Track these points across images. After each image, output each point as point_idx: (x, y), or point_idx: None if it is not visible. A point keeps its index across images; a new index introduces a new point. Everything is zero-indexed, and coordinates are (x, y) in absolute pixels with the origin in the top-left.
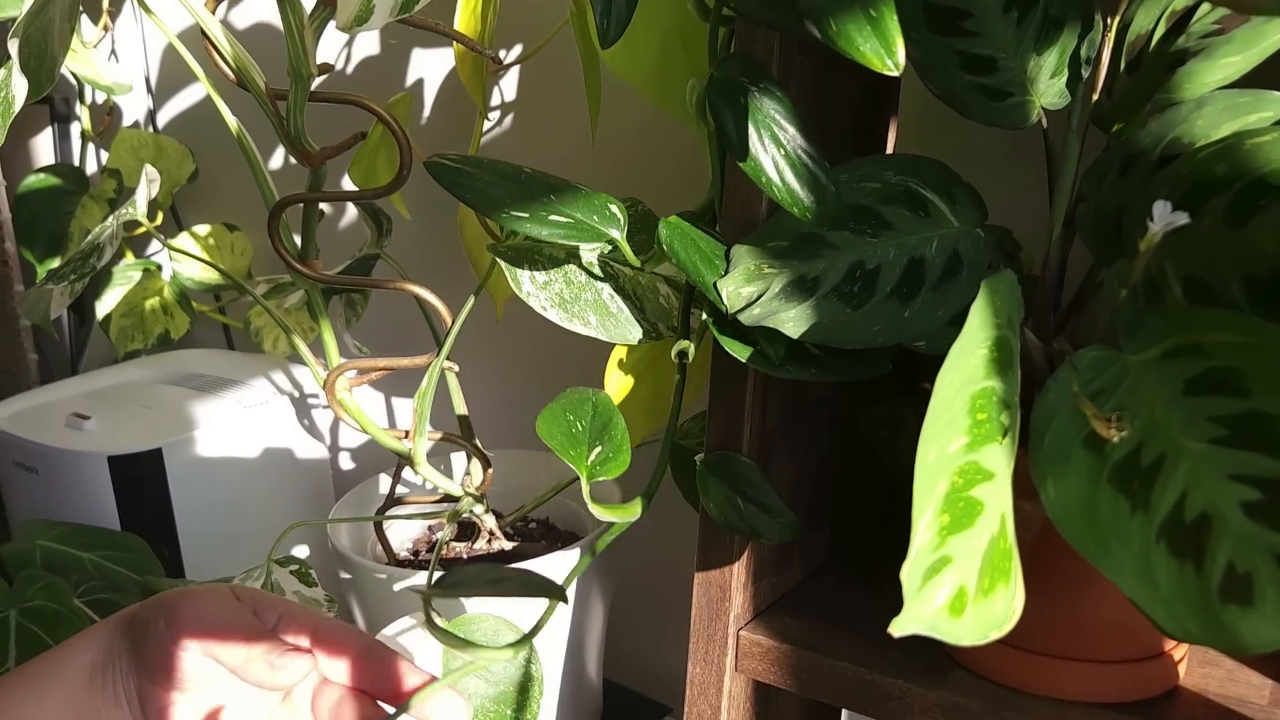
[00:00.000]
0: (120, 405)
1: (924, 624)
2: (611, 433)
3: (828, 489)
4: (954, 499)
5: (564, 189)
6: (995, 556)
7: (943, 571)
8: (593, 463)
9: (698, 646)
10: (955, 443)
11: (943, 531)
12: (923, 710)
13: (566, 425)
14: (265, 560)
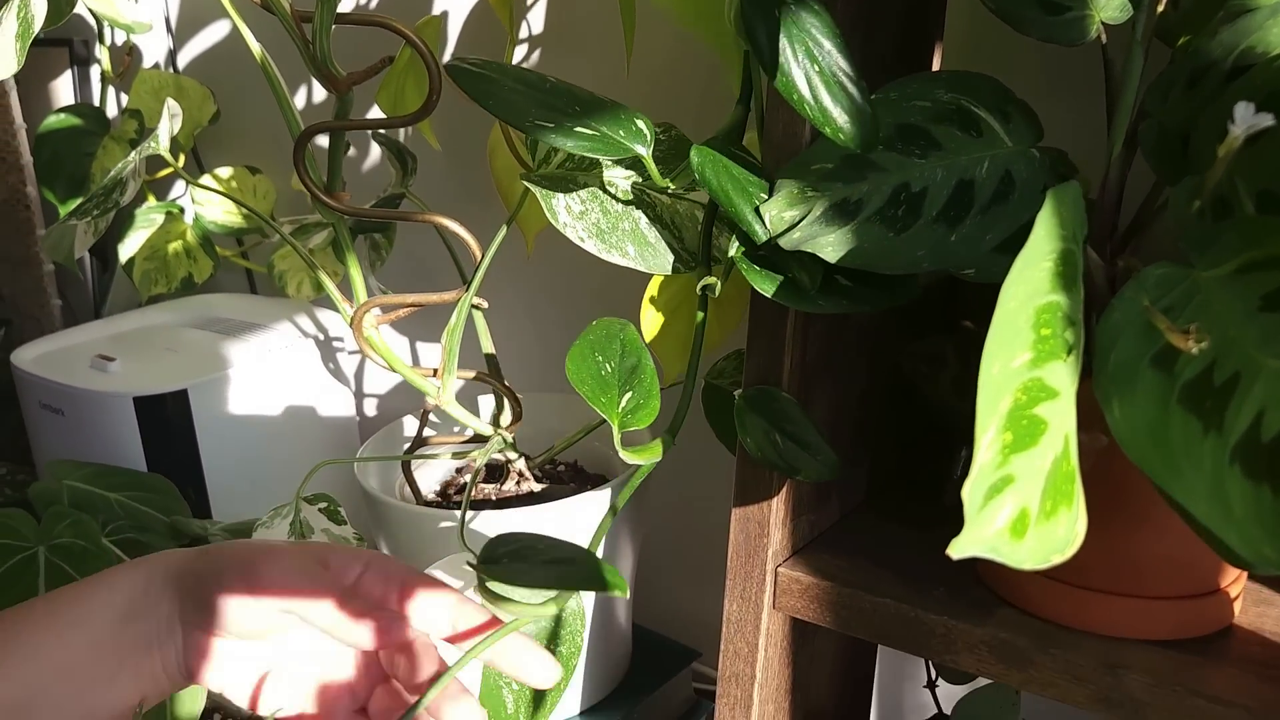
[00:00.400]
0: (145, 348)
1: (984, 546)
2: (641, 376)
3: (866, 427)
4: (1017, 416)
5: (590, 101)
6: (1058, 478)
7: (1004, 492)
8: (624, 410)
9: (735, 584)
10: (1019, 358)
11: (1005, 450)
12: (967, 647)
13: (595, 368)
14: (294, 498)
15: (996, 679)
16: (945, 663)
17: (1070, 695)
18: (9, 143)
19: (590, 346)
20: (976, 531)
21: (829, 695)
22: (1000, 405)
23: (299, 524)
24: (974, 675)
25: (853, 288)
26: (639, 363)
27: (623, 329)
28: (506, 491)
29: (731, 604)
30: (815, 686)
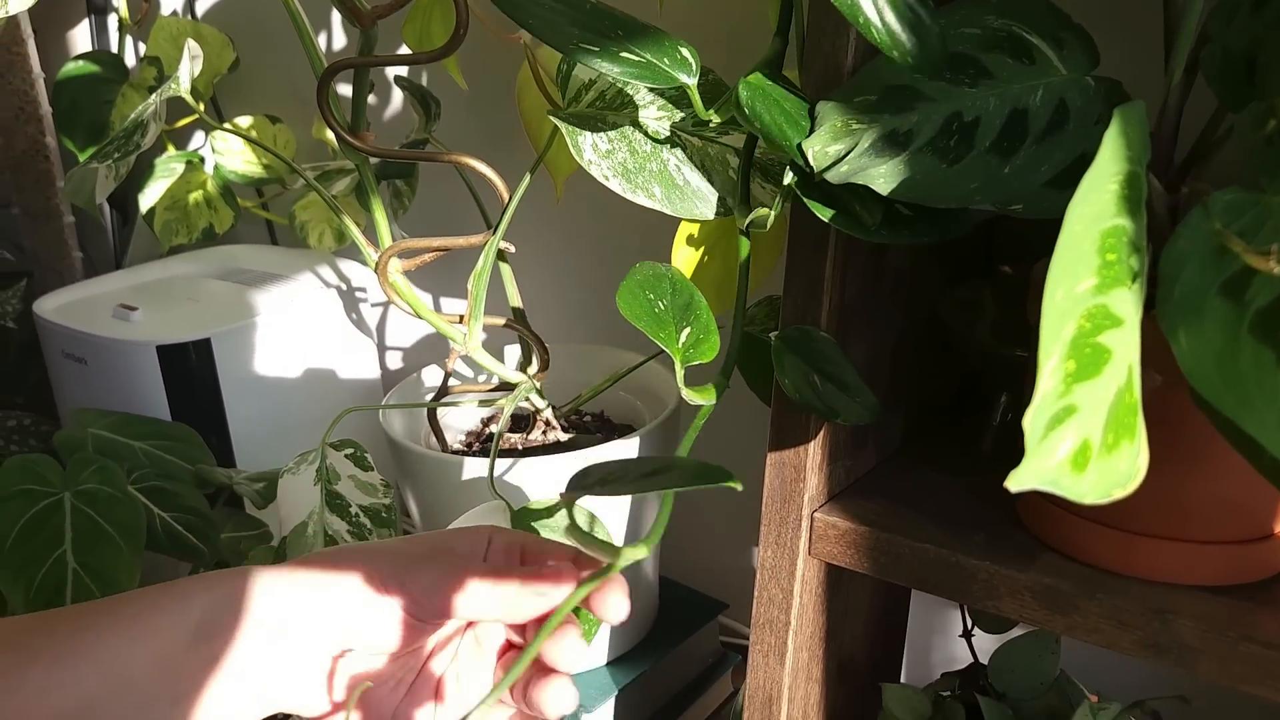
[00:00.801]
0: (167, 298)
1: (1044, 478)
2: (697, 312)
3: (903, 373)
4: (1081, 344)
5: (632, 26)
6: (1121, 410)
7: (1067, 422)
8: (684, 345)
9: (769, 530)
10: (1084, 283)
11: (1068, 379)
12: (1010, 593)
13: (648, 304)
14: (320, 444)
15: (1039, 626)
16: (987, 609)
17: (1116, 641)
18: (27, 92)
19: (639, 285)
20: (1037, 463)
21: (862, 645)
22: (1063, 332)
23: (325, 470)
24: (1011, 624)
25: (914, 217)
26: (691, 300)
27: (669, 270)
28: (533, 441)
29: (766, 550)
30: (849, 635)
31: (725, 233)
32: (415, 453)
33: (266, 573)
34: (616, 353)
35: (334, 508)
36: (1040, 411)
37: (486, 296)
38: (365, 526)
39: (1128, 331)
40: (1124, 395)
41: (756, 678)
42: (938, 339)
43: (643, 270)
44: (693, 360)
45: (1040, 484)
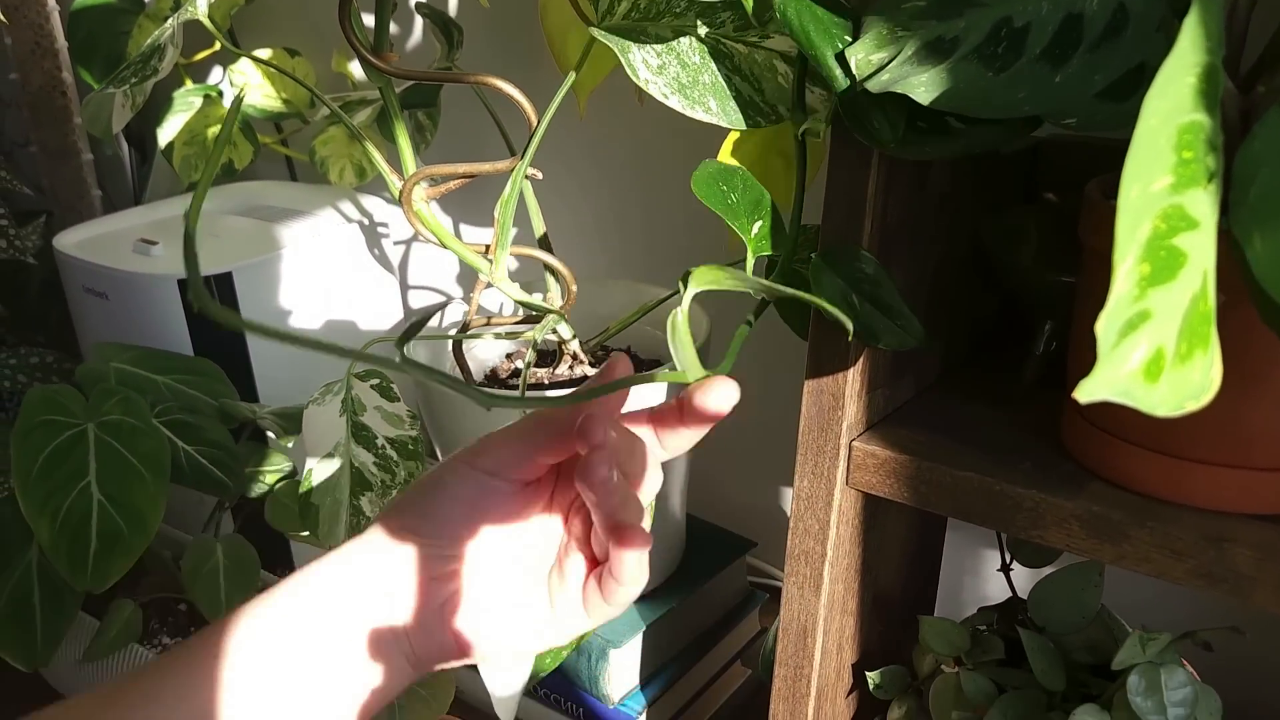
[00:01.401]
0: None
1: (1116, 388)
2: (765, 208)
3: (942, 302)
4: (1155, 246)
5: None
6: (1195, 319)
7: (1140, 328)
8: (756, 236)
9: (806, 459)
10: (1159, 181)
11: (1143, 282)
12: (1056, 522)
13: (722, 195)
14: (345, 374)
15: (1087, 556)
16: (1031, 539)
17: (1168, 570)
18: (42, 26)
19: (713, 178)
20: (1109, 371)
21: (896, 579)
22: (1139, 232)
23: (350, 401)
24: (1051, 558)
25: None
26: (761, 197)
27: (738, 168)
28: (559, 375)
29: (802, 480)
30: (884, 570)
31: (764, 152)
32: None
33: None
34: (642, 287)
35: (360, 439)
36: (1114, 316)
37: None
38: (392, 459)
39: (1203, 235)
40: (1198, 303)
41: (791, 610)
42: (978, 268)
43: (713, 165)
44: (762, 251)
45: (1112, 394)
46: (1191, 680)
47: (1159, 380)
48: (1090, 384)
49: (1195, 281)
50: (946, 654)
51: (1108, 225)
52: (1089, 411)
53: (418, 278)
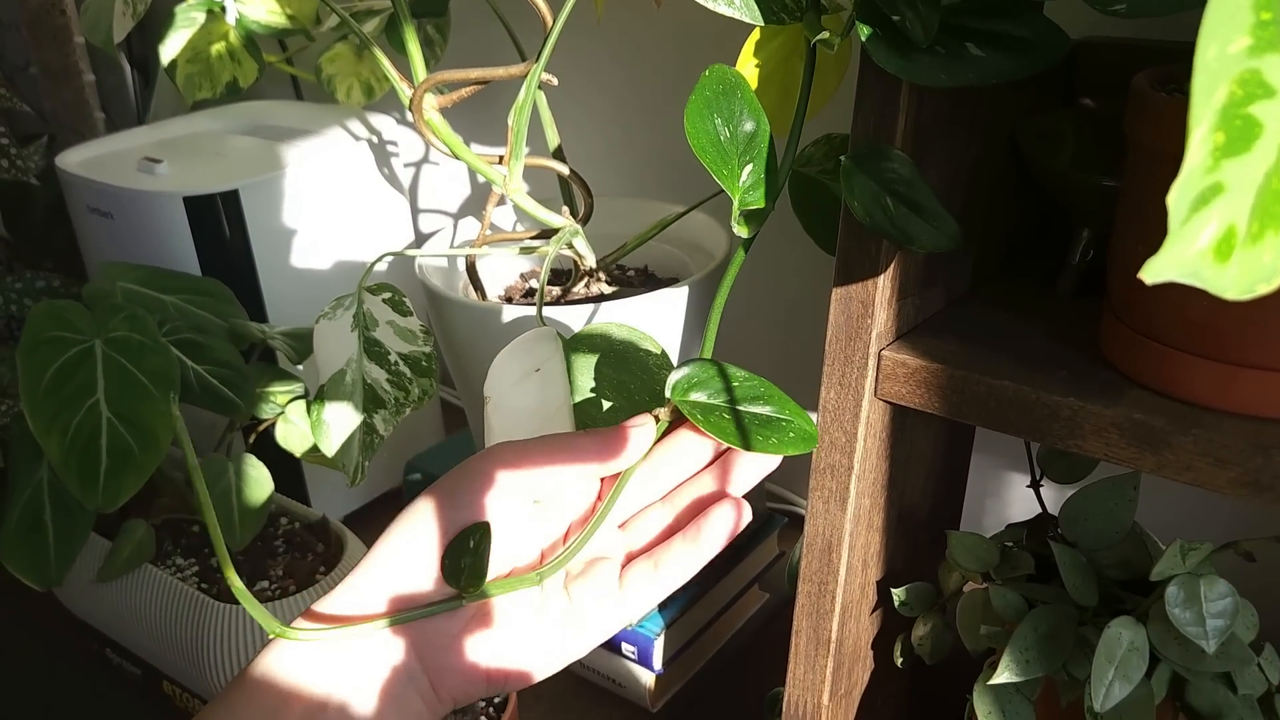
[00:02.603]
0: (193, 152)
1: (1184, 268)
2: (759, 144)
3: (975, 208)
4: (1231, 114)
5: None
6: (1268, 196)
7: (1213, 203)
8: (744, 186)
9: (833, 369)
10: (1237, 43)
11: (1216, 153)
12: (1095, 431)
13: (714, 133)
14: (357, 288)
15: (1126, 464)
16: (1069, 448)
17: (1212, 479)
18: None
19: (707, 104)
20: (1177, 250)
21: (922, 495)
22: (1214, 98)
23: (362, 315)
24: (1083, 474)
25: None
26: (757, 128)
27: (739, 81)
28: (575, 294)
29: (829, 391)
30: (910, 485)
31: (786, 56)
32: (454, 301)
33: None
34: (658, 205)
35: (372, 355)
36: (1186, 188)
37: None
38: (405, 375)
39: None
40: (1273, 178)
41: (816, 525)
42: (1011, 174)
43: (712, 82)
44: (748, 205)
45: (1179, 274)
46: (1232, 592)
47: (1229, 260)
48: (1157, 263)
49: (1270, 155)
50: (974, 569)
51: (1158, 119)
52: (1130, 317)
53: (429, 199)
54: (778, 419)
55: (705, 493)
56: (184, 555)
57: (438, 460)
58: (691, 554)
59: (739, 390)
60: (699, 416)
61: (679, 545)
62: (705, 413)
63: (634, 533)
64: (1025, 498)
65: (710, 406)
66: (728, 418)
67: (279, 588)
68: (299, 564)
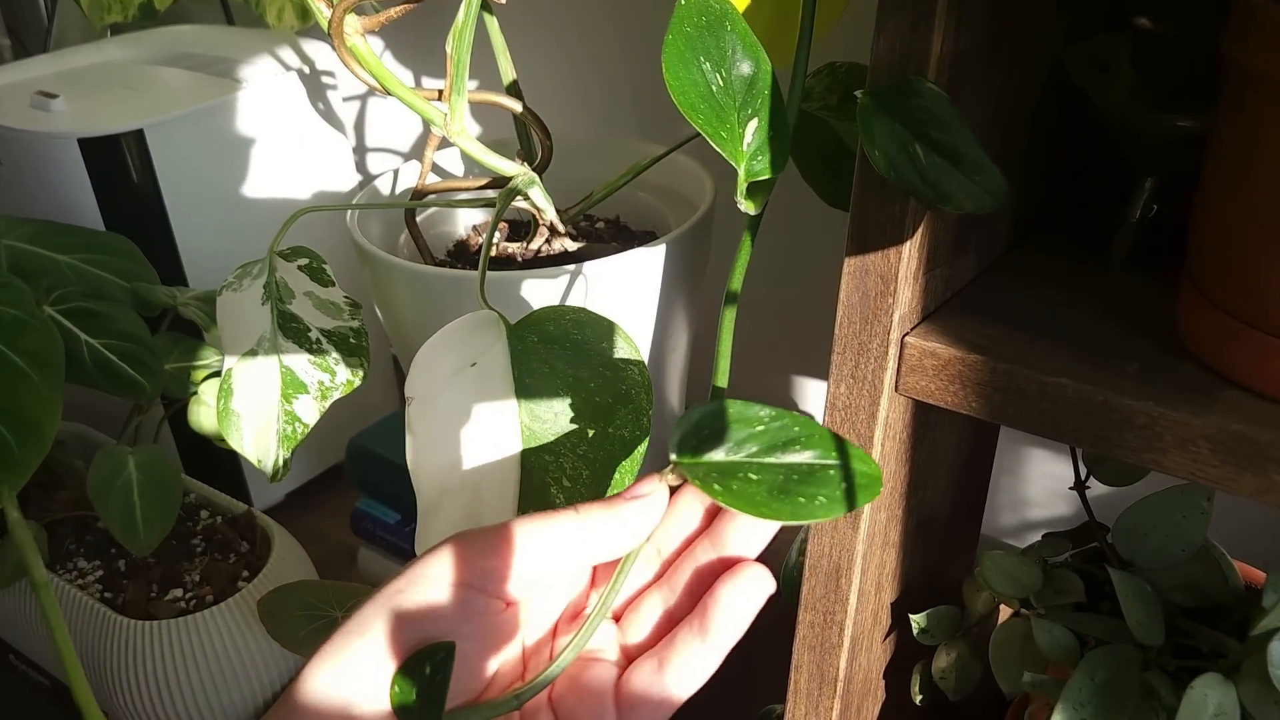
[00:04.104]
0: (99, 85)
1: None
2: (761, 89)
3: (1014, 153)
4: None
5: None
6: None
7: None
8: (750, 150)
9: (845, 359)
10: None
11: None
12: (1180, 443)
13: (703, 80)
14: (267, 253)
15: (1220, 486)
16: (1144, 463)
17: None
18: None
19: (689, 44)
20: None
21: (944, 498)
22: None
23: (274, 285)
24: (1140, 475)
25: None
26: (757, 70)
27: (726, 10)
28: (535, 251)
29: (839, 385)
30: (931, 488)
31: None
32: (387, 263)
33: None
34: (631, 144)
35: (289, 332)
36: None
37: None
38: (330, 355)
39: None
40: None
41: (821, 545)
42: (1054, 112)
43: (694, 11)
44: (758, 175)
45: None
46: None
47: None
48: None
49: None
50: (1011, 595)
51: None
52: (1225, 296)
53: (377, 139)
54: (822, 468)
55: (707, 560)
56: (87, 557)
57: (387, 436)
58: (702, 650)
59: (766, 436)
60: (716, 487)
61: (685, 639)
62: (724, 478)
63: (631, 625)
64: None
65: (731, 468)
66: (756, 479)
67: (194, 597)
68: (219, 567)
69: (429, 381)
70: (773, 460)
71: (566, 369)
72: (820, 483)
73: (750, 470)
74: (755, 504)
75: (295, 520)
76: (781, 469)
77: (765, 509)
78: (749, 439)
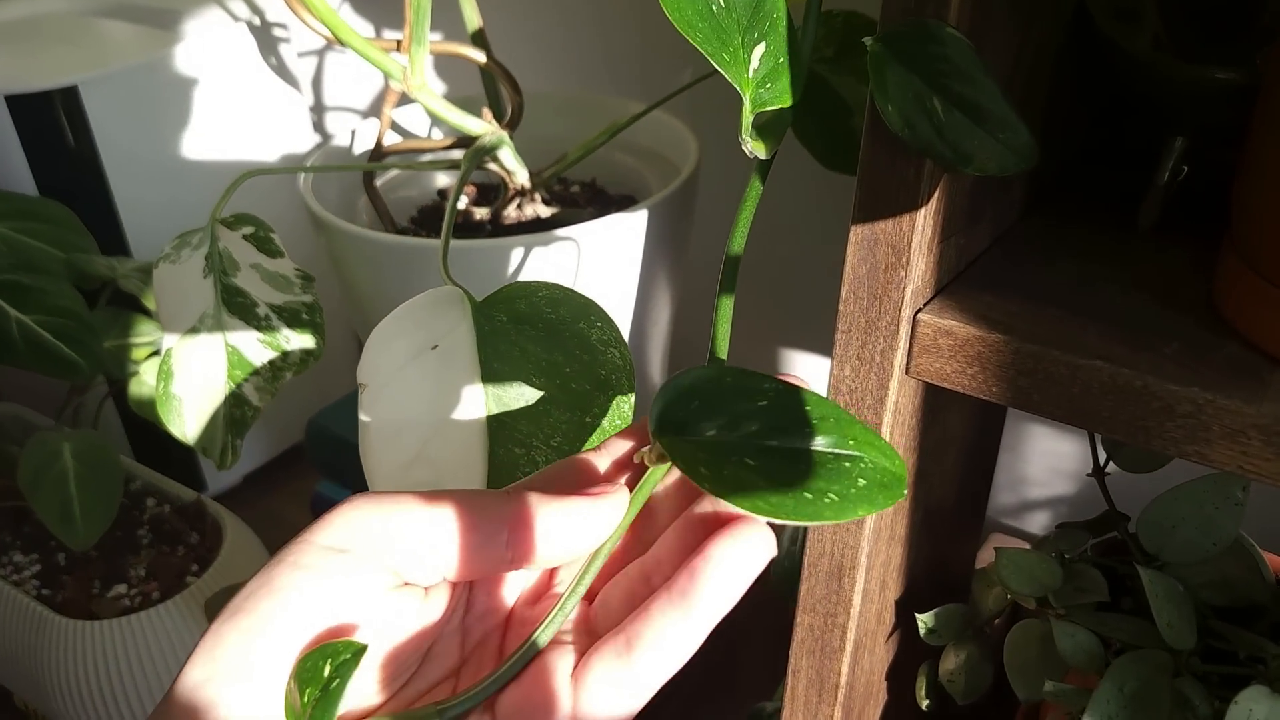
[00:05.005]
0: (29, 39)
1: None
2: (772, 16)
3: (1034, 108)
4: None
5: None
6: None
7: None
8: (757, 76)
9: (850, 338)
10: None
11: None
12: (1228, 434)
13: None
14: (209, 220)
15: (1270, 480)
16: (1187, 455)
17: None
18: None
19: None
20: None
21: (951, 486)
22: None
23: (216, 256)
24: (1163, 462)
25: None
26: None
27: None
28: (506, 217)
29: (843, 368)
30: (939, 475)
31: None
32: (342, 231)
33: None
34: (608, 101)
35: (234, 308)
36: None
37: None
38: (279, 333)
39: None
40: None
41: (822, 542)
42: (1074, 63)
43: None
44: (769, 104)
45: None
46: None
47: None
48: None
49: None
50: (1030, 594)
51: None
52: (1274, 268)
53: (336, 96)
54: (835, 458)
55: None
56: (24, 550)
57: (349, 415)
58: (682, 622)
59: (770, 414)
60: (704, 471)
61: (662, 610)
62: (715, 461)
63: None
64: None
65: (723, 449)
66: (753, 465)
67: (140, 594)
68: (166, 560)
69: (384, 366)
70: (776, 444)
71: (539, 352)
72: (833, 476)
73: (747, 454)
74: (751, 496)
75: (253, 504)
76: (787, 455)
77: (763, 503)
78: (748, 416)
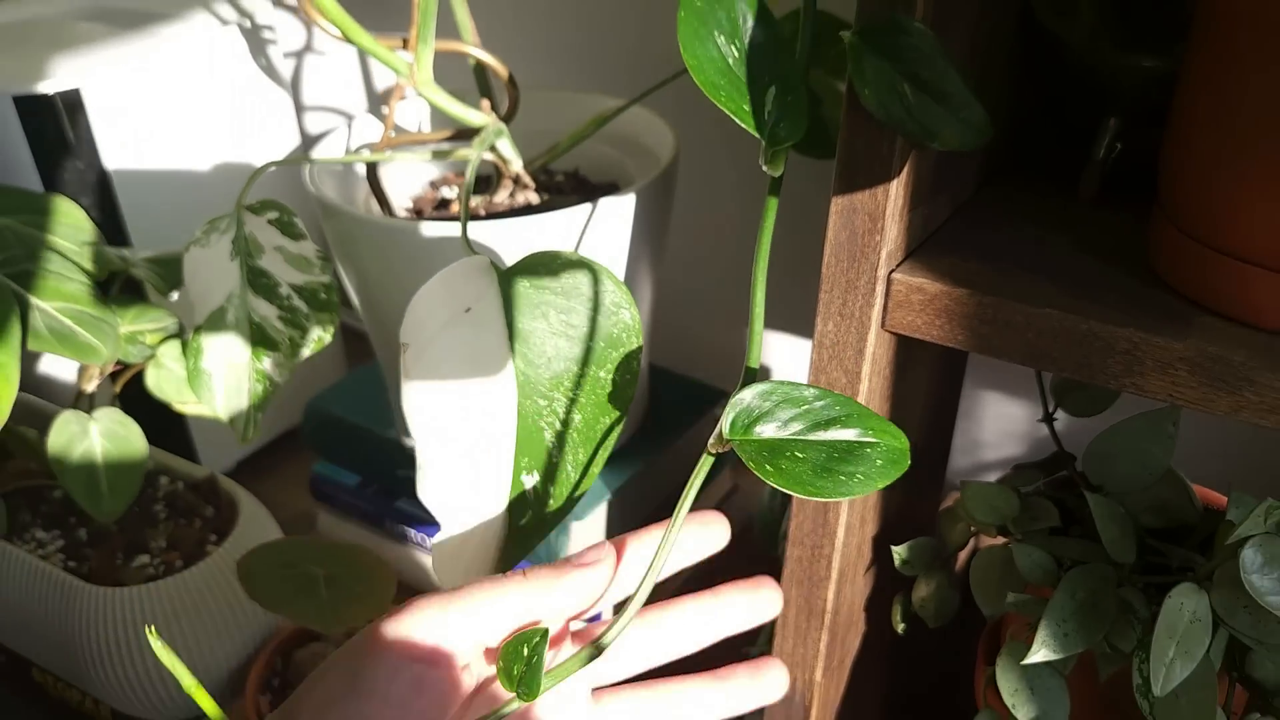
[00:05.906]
0: (22, 43)
1: None
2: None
3: (989, 92)
4: None
5: None
6: None
7: None
8: (772, 120)
9: (833, 296)
10: None
11: None
12: (1159, 366)
13: (718, 55)
14: (235, 206)
15: (1195, 406)
16: (1125, 387)
17: None
18: None
19: (700, 19)
20: None
21: (918, 434)
22: None
23: (243, 240)
24: (1104, 406)
25: None
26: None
27: None
28: (498, 204)
29: (827, 323)
30: (909, 423)
31: None
32: (355, 218)
33: None
34: (589, 98)
35: (259, 288)
36: None
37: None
38: (300, 311)
39: None
40: None
41: None
42: (1019, 49)
43: None
44: (783, 140)
45: None
46: None
47: None
48: None
49: None
50: (990, 523)
51: None
52: (1198, 227)
53: (317, 96)
54: (859, 445)
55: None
56: (45, 527)
57: (344, 398)
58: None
59: (811, 415)
60: (768, 468)
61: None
62: (774, 456)
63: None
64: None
65: (779, 446)
66: (801, 457)
67: (163, 562)
68: (185, 532)
69: (424, 329)
70: (815, 438)
71: (558, 314)
72: (858, 460)
73: (796, 449)
74: (801, 483)
75: (248, 487)
76: (824, 447)
77: (811, 487)
78: (795, 418)
